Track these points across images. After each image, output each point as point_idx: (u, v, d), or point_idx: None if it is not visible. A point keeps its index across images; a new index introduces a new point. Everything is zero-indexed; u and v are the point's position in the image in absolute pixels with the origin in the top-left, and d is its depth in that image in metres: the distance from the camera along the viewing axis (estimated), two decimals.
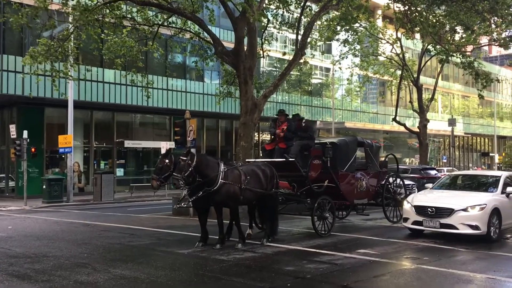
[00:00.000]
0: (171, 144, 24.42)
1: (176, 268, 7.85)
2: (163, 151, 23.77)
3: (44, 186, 21.53)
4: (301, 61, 18.73)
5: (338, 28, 23.29)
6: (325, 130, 38.88)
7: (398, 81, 31.41)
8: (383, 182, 13.16)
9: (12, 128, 22.26)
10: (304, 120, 11.83)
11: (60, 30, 17.40)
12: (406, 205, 11.02)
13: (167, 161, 9.05)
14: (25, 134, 21.22)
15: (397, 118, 29.81)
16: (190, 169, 8.91)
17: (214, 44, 16.63)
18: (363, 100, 45.75)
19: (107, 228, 12.83)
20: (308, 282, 7.02)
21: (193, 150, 9.46)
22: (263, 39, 19.80)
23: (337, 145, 11.81)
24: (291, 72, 27.96)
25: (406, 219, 10.95)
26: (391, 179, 13.74)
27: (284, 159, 10.86)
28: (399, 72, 31.53)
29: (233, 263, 8.23)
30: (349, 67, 32.21)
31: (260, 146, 26.82)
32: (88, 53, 22.34)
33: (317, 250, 9.24)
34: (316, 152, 11.39)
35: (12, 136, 22.36)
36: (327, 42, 32.08)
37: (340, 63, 30.65)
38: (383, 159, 15.42)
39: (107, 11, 16.45)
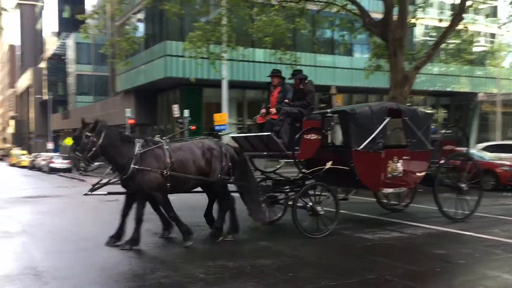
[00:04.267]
0: None
1: (318, 244, 7.86)
2: None
3: None
4: (459, 27, 17.09)
5: None
6: (489, 102, 35.24)
7: None
8: (437, 165, 9.80)
9: (175, 108, 24.45)
10: (306, 81, 9.03)
11: (214, 15, 18.41)
12: None
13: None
14: (186, 113, 23.15)
15: None
16: (93, 149, 7.13)
17: (361, 16, 16.06)
18: None
19: None
20: (462, 268, 6.46)
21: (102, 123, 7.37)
22: (415, 6, 18.49)
23: (349, 115, 8.74)
24: (450, 41, 25.77)
25: None
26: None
27: (255, 134, 8.88)
28: None
29: (378, 242, 7.98)
30: None
31: None
32: (240, 34, 23.34)
33: (473, 234, 8.45)
34: (309, 123, 8.65)
35: (175, 115, 24.59)
36: (493, 4, 28.75)
37: (508, 27, 27.21)
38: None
39: None
